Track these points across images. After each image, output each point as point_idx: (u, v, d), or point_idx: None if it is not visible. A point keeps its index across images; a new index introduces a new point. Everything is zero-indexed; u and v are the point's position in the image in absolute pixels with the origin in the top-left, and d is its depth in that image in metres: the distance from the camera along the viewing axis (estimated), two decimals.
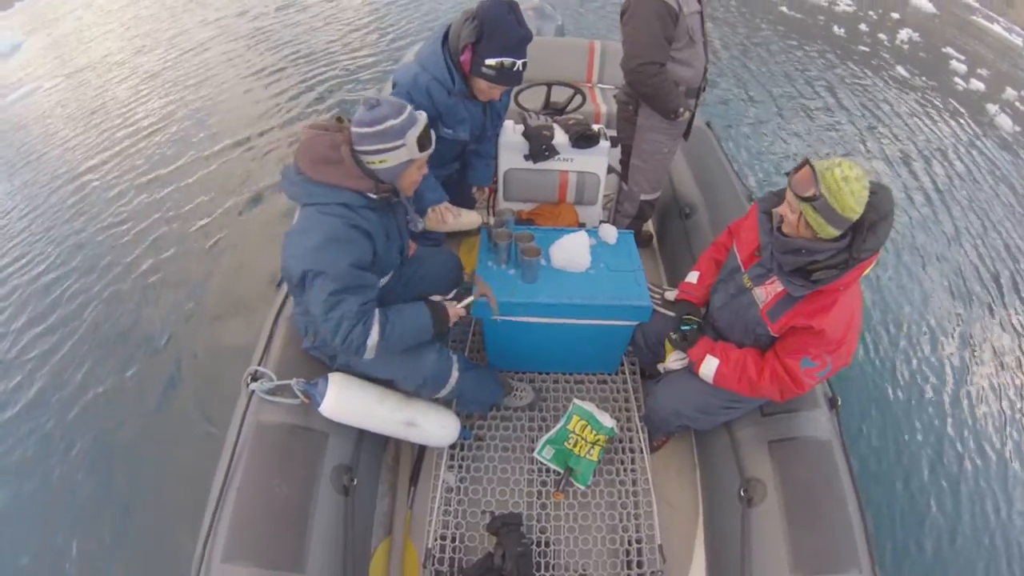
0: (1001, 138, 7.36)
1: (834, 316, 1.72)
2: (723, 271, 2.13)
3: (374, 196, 1.77)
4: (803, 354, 1.82)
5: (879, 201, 1.62)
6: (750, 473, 2.08)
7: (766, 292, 1.89)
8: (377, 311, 1.83)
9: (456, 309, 2.06)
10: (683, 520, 2.38)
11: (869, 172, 5.81)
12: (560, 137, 2.80)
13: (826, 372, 1.83)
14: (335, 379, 1.99)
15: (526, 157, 2.80)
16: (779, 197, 1.81)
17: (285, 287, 2.27)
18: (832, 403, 2.14)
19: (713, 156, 3.40)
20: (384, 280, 1.99)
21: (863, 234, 1.62)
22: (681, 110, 2.67)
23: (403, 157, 1.70)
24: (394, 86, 2.27)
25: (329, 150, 1.67)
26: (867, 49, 9.69)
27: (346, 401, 2.00)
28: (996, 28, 12.69)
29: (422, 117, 1.71)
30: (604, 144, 2.82)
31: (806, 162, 1.63)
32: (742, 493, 2.06)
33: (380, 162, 1.68)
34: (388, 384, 2.14)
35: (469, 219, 2.42)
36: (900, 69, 8.97)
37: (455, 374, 2.16)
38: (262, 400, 1.97)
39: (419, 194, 2.26)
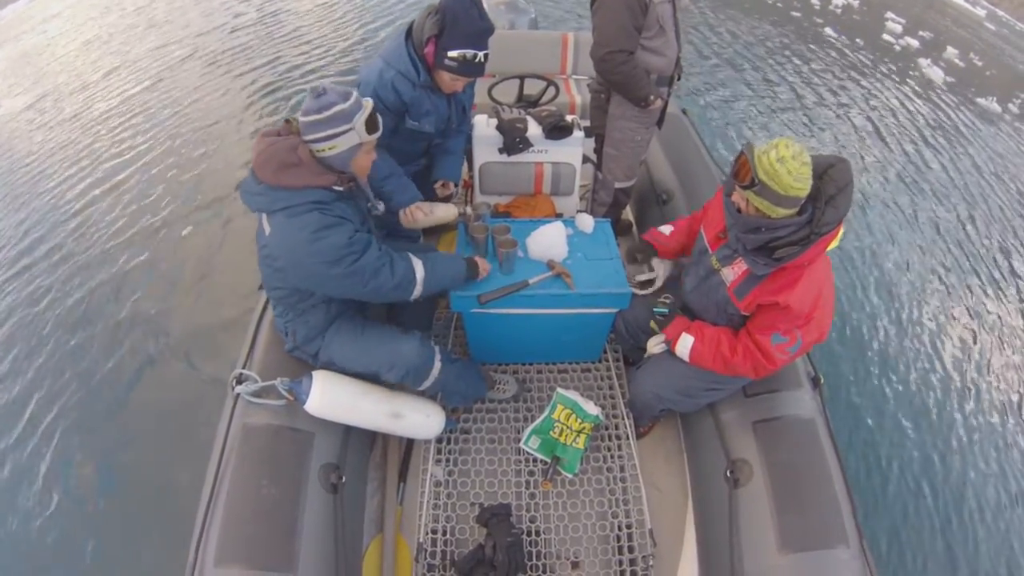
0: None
1: (800, 291, 1.75)
2: (693, 253, 2.16)
3: (340, 188, 1.80)
4: (773, 330, 1.85)
5: (837, 173, 1.65)
6: (736, 454, 2.10)
7: (733, 272, 1.92)
8: (410, 252, 1.99)
9: (486, 264, 2.21)
10: (672, 504, 2.41)
11: (840, 146, 5.98)
12: (534, 129, 2.81)
13: (797, 347, 1.85)
14: (319, 376, 2.01)
15: (500, 150, 2.82)
16: None
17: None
18: (815, 382, 2.17)
19: (689, 142, 3.43)
20: None
21: (822, 208, 1.65)
22: (652, 98, 2.69)
23: (352, 141, 1.71)
24: (358, 86, 2.27)
25: (288, 154, 1.69)
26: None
27: (331, 396, 2.01)
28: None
29: (368, 103, 1.73)
30: (578, 134, 2.84)
31: (743, 151, 1.67)
32: (728, 474, 2.07)
33: (330, 148, 1.70)
34: (372, 379, 2.16)
35: (444, 213, 2.42)
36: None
37: (437, 364, 2.17)
38: (248, 402, 1.97)
39: (388, 195, 2.30)
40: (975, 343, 4.18)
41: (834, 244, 1.72)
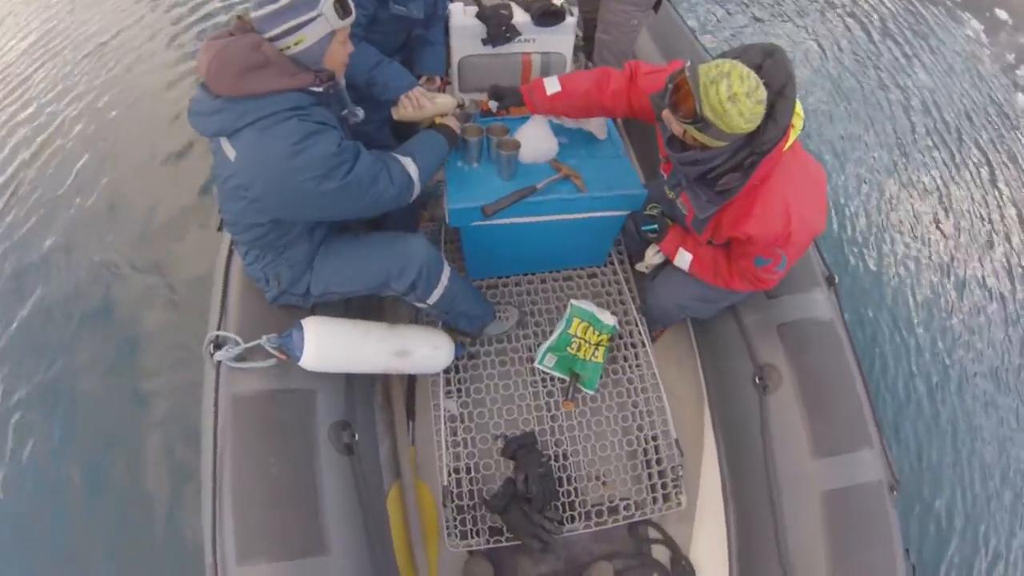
0: None
1: (758, 217, 1.56)
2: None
3: (319, 89, 1.52)
4: (752, 255, 1.70)
5: (771, 70, 1.38)
6: (763, 359, 2.02)
7: (685, 203, 1.73)
8: (391, 152, 1.74)
9: (456, 122, 2.00)
10: (690, 410, 2.35)
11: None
12: (520, 16, 2.48)
13: (784, 266, 1.71)
14: (310, 324, 1.74)
15: (484, 41, 2.48)
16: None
17: (226, 234, 1.94)
18: (830, 281, 2.09)
19: (674, 28, 3.11)
20: None
21: (762, 123, 1.40)
22: None
23: (323, 29, 1.44)
24: None
25: (250, 54, 1.37)
26: None
27: (328, 345, 1.75)
28: None
29: None
30: (570, 20, 2.52)
31: (682, 74, 1.37)
32: (757, 380, 2.00)
33: (296, 43, 1.42)
34: (366, 313, 1.94)
35: (445, 101, 2.09)
36: None
37: (447, 269, 1.95)
38: (232, 369, 1.70)
39: (383, 85, 2.00)
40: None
41: (791, 141, 1.50)
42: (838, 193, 3.99)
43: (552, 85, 1.93)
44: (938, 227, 3.92)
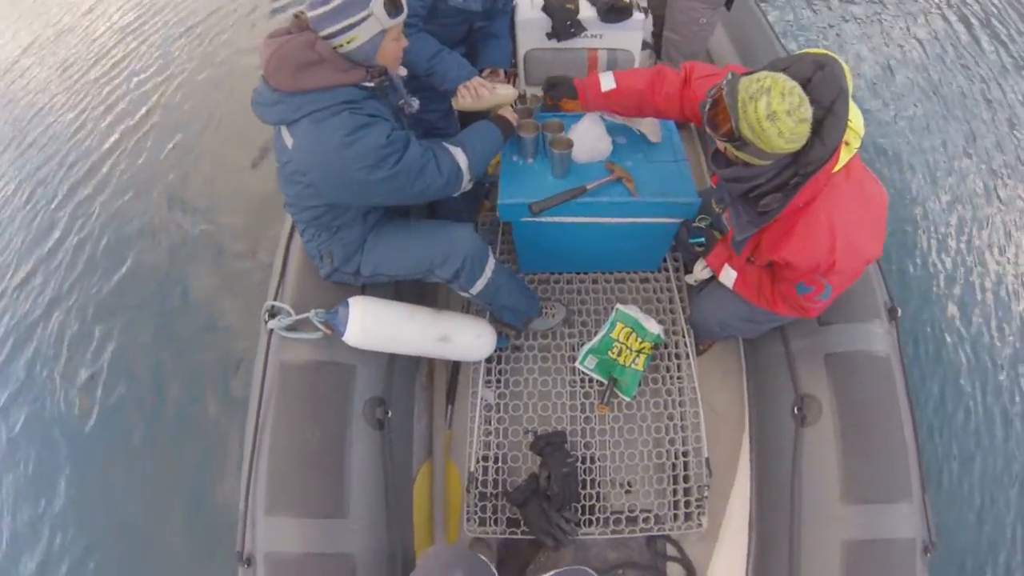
0: None
1: (799, 242, 1.47)
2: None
3: (371, 84, 1.57)
4: (794, 281, 1.61)
5: (821, 85, 1.28)
6: (805, 389, 1.94)
7: (729, 220, 1.64)
8: (443, 142, 1.78)
9: (513, 114, 2.01)
10: (728, 429, 2.28)
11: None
12: (586, 11, 2.45)
13: (828, 295, 1.62)
14: (356, 303, 1.83)
15: (549, 36, 2.47)
16: None
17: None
18: (892, 314, 1.95)
19: (755, 26, 2.99)
20: None
21: (807, 141, 1.30)
22: None
23: (373, 29, 1.49)
24: None
25: (304, 52, 1.46)
26: None
27: (371, 324, 1.84)
28: None
29: None
30: (638, 16, 2.47)
31: (720, 87, 1.29)
32: (796, 410, 1.92)
33: (348, 42, 1.48)
34: (418, 297, 2.01)
35: (506, 92, 2.09)
36: None
37: (491, 261, 1.99)
38: (283, 338, 1.83)
39: (442, 75, 2.02)
40: None
41: (844, 160, 1.40)
42: (928, 213, 3.63)
43: (607, 82, 1.90)
44: None
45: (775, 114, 1.22)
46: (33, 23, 5.84)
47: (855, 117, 1.39)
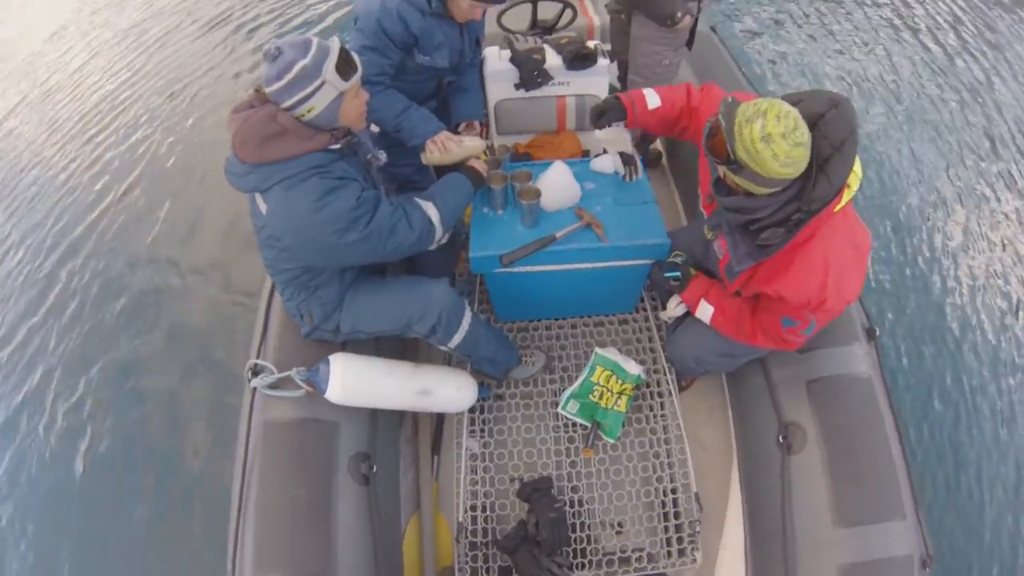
0: None
1: (794, 278, 1.48)
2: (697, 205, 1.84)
3: (337, 147, 1.61)
4: (780, 315, 1.62)
5: (833, 123, 1.30)
6: (788, 417, 1.96)
7: (722, 247, 1.66)
8: (414, 197, 1.81)
9: (483, 165, 2.05)
10: (717, 463, 2.29)
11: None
12: (553, 60, 2.52)
13: (812, 330, 1.64)
14: (336, 360, 1.86)
15: (517, 86, 2.54)
16: None
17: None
18: (870, 334, 1.99)
19: (720, 64, 3.07)
20: None
21: (812, 178, 1.32)
22: (679, 15, 2.36)
23: (330, 95, 1.52)
24: (355, 20, 2.01)
25: (267, 125, 1.50)
26: None
27: (352, 381, 1.86)
28: None
29: (334, 43, 1.51)
30: (603, 62, 2.54)
31: (718, 117, 1.31)
32: (780, 439, 1.94)
33: (308, 111, 1.51)
34: (399, 350, 2.04)
35: (474, 144, 2.13)
36: None
37: (468, 313, 2.01)
38: (267, 396, 1.85)
39: (410, 131, 2.08)
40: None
41: (844, 201, 1.41)
42: (912, 215, 3.76)
43: (652, 99, 1.89)
44: None
45: (769, 136, 1.23)
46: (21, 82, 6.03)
47: (856, 160, 1.41)
